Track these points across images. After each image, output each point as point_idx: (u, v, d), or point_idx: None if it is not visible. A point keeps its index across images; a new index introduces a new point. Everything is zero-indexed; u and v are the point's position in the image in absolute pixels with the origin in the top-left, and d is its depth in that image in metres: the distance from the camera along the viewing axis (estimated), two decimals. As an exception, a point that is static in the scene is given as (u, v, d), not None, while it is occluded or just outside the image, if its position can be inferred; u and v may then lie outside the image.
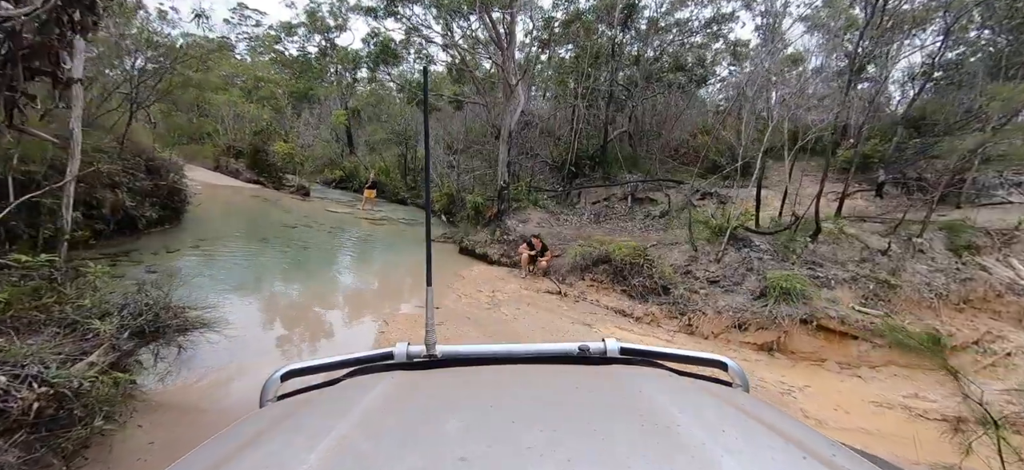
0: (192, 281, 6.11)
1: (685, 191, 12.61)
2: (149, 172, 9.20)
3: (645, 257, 7.83)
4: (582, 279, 8.29)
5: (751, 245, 7.66)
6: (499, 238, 10.56)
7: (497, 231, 10.71)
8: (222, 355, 4.34)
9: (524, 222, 11.10)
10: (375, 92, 29.45)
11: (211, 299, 5.15)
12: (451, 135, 18.43)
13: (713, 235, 8.40)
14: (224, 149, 21.46)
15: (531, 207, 11.85)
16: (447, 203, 16.69)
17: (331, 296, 7.10)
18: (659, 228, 11.54)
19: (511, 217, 11.13)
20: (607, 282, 8.00)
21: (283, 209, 14.60)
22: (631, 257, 7.83)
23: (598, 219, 12.79)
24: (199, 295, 5.06)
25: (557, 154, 15.37)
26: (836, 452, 0.61)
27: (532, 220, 11.31)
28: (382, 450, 0.57)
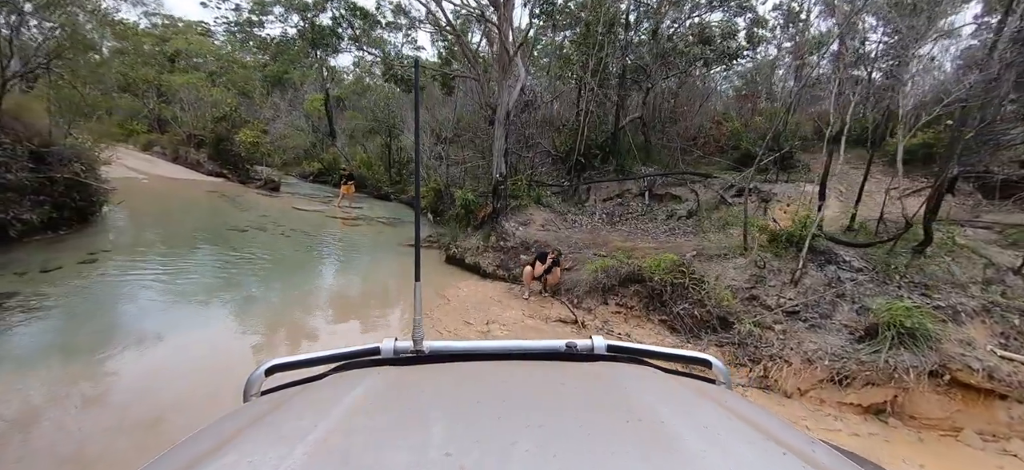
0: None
1: (715, 187, 10.65)
2: (36, 162, 7.02)
3: (690, 275, 5.85)
4: (605, 303, 6.30)
5: (837, 261, 5.71)
6: (494, 244, 8.52)
7: (492, 236, 8.68)
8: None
9: (525, 224, 9.06)
10: (360, 80, 27.18)
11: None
12: (439, 122, 16.30)
13: (774, 244, 6.44)
14: (184, 138, 19.14)
15: (533, 205, 9.83)
16: (434, 199, 14.59)
17: (235, 352, 4.57)
18: (687, 231, 9.57)
19: (509, 218, 9.09)
20: (639, 308, 6.02)
21: (241, 207, 12.44)
22: (671, 275, 5.85)
23: (611, 220, 10.79)
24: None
25: (561, 144, 13.33)
26: (816, 448, 0.63)
27: (535, 221, 9.28)
28: (368, 446, 0.56)
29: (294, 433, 0.60)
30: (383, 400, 0.74)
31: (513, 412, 0.67)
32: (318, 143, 23.22)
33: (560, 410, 0.70)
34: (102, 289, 5.57)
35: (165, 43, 22.94)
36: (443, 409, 0.69)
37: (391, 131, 19.92)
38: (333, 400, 0.73)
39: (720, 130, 13.60)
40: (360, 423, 0.63)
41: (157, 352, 4.33)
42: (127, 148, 20.98)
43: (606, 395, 0.79)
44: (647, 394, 0.76)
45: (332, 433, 0.58)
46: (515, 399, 0.75)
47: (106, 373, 3.93)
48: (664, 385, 0.85)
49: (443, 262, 9.13)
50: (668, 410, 0.68)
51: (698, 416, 0.70)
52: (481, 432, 0.61)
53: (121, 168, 16.16)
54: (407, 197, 17.83)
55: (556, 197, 11.01)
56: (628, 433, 0.61)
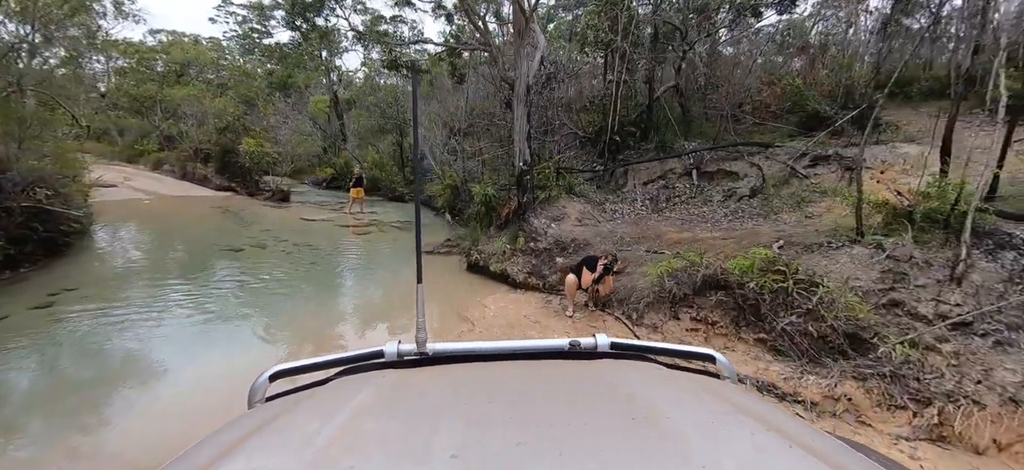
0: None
1: (780, 157, 8.93)
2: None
3: (793, 275, 4.32)
4: (675, 317, 4.83)
5: (1015, 244, 4.06)
6: (524, 247, 7.13)
7: (520, 236, 7.28)
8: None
9: (558, 220, 7.63)
10: (370, 79, 26.11)
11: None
12: (450, 113, 14.96)
13: (898, 224, 4.82)
14: (191, 153, 18.41)
15: (564, 196, 8.38)
16: (451, 198, 13.29)
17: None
18: (754, 213, 7.94)
19: (538, 213, 7.67)
20: (725, 324, 4.52)
21: (244, 222, 11.43)
22: (767, 278, 4.32)
23: (657, 205, 9.23)
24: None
25: (588, 123, 11.77)
26: (822, 441, 0.63)
27: (569, 215, 7.83)
28: (373, 451, 0.56)
29: (299, 438, 0.60)
30: (387, 403, 0.74)
31: (518, 412, 0.66)
32: (329, 147, 22.26)
33: (565, 409, 0.69)
34: (40, 350, 4.46)
35: (166, 55, 22.32)
36: (447, 411, 0.68)
37: (401, 129, 18.72)
38: (337, 404, 0.73)
39: (772, 92, 11.76)
40: (364, 427, 0.63)
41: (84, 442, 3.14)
42: (137, 168, 20.57)
43: (611, 393, 0.78)
44: (652, 391, 0.76)
45: (337, 438, 0.58)
46: (520, 399, 0.74)
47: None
48: (669, 382, 0.84)
49: (465, 271, 7.80)
50: (673, 407, 0.68)
51: (704, 412, 0.70)
52: (486, 433, 0.60)
53: (127, 190, 15.56)
54: (423, 196, 16.63)
55: (589, 184, 9.51)
56: (634, 431, 0.60)
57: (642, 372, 0.87)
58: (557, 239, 7.03)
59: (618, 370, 0.87)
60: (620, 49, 9.12)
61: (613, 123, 9.71)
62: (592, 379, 0.84)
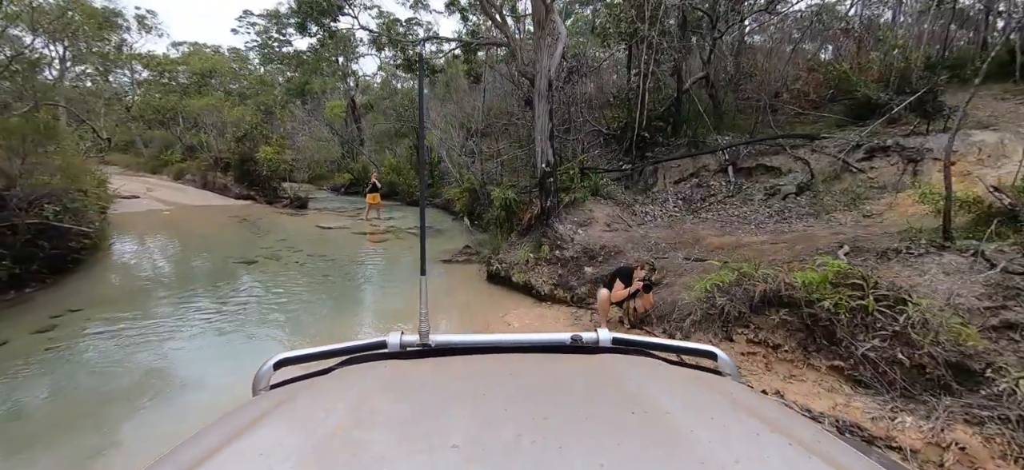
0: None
1: (829, 149, 8.11)
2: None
3: (872, 289, 3.64)
4: (728, 338, 4.19)
5: None
6: (549, 255, 6.57)
7: (544, 243, 6.73)
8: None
9: (584, 225, 7.04)
10: (388, 83, 25.97)
11: None
12: (467, 113, 14.53)
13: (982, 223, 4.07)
14: (211, 163, 18.49)
15: (590, 199, 7.78)
16: (469, 201, 12.83)
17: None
18: (803, 213, 7.19)
19: (563, 218, 7.10)
20: (791, 348, 3.87)
21: (259, 232, 11.21)
22: (842, 294, 3.65)
23: (691, 206, 8.54)
24: None
25: (612, 119, 11.11)
26: (820, 438, 0.63)
27: (597, 220, 7.24)
28: (375, 439, 0.56)
29: (303, 426, 0.61)
30: (390, 393, 0.73)
31: (519, 405, 0.66)
32: (346, 153, 22.15)
33: (566, 402, 0.69)
34: (36, 378, 4.15)
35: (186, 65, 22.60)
36: (449, 402, 0.68)
37: (418, 131, 18.40)
38: (341, 393, 0.74)
39: (812, 79, 10.87)
40: (367, 416, 0.63)
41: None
42: (160, 178, 20.85)
43: (612, 387, 0.77)
44: (653, 386, 0.75)
45: (340, 426, 0.58)
46: (521, 392, 0.74)
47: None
48: (670, 377, 0.84)
49: (485, 281, 7.29)
50: (674, 402, 0.68)
51: (704, 408, 0.70)
52: (487, 425, 0.60)
53: (149, 201, 15.67)
54: (440, 200, 16.23)
55: (616, 185, 8.88)
56: (634, 425, 0.60)
57: (643, 367, 0.87)
58: (585, 246, 6.45)
59: (619, 365, 0.87)
60: (648, 38, 8.45)
61: (641, 118, 9.04)
62: (594, 373, 0.84)
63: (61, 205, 6.66)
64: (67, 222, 6.64)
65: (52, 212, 6.47)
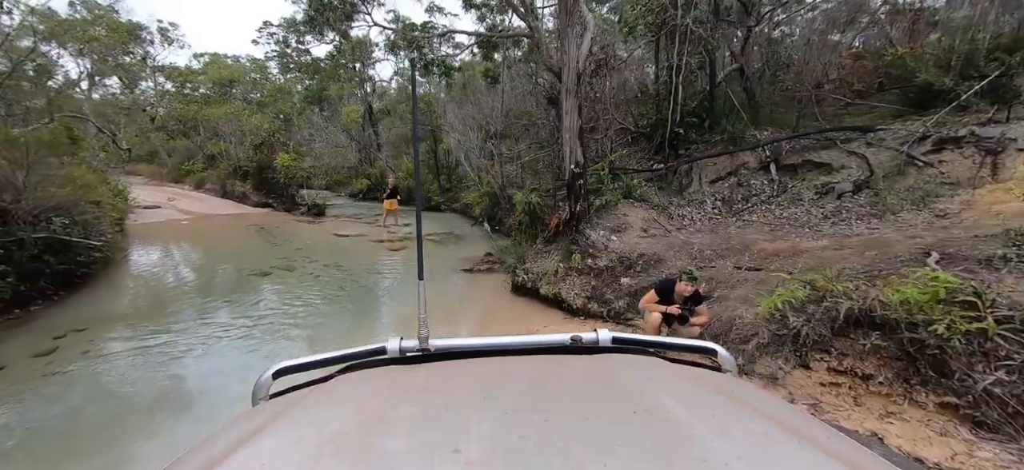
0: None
1: (889, 143, 7.32)
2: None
3: (988, 308, 2.97)
4: (803, 366, 3.55)
5: None
6: (580, 265, 5.99)
7: (574, 251, 6.15)
8: None
9: (619, 231, 6.44)
10: (404, 89, 25.80)
11: None
12: (486, 115, 14.06)
13: None
14: (230, 171, 18.48)
15: (622, 202, 7.17)
16: (489, 205, 12.36)
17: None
18: (864, 213, 6.45)
19: (594, 224, 6.52)
20: (887, 378, 3.21)
21: (276, 241, 10.94)
22: (951, 314, 2.99)
23: (731, 208, 7.86)
24: None
25: (640, 115, 10.48)
26: (827, 435, 0.62)
27: (632, 225, 6.63)
28: (375, 445, 0.56)
29: (303, 435, 0.60)
30: (390, 399, 0.72)
31: (520, 407, 0.66)
32: (364, 158, 21.97)
33: (567, 403, 0.69)
34: (29, 409, 3.79)
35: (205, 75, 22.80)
36: (450, 406, 0.67)
37: (435, 134, 18.02)
38: (341, 400, 0.73)
39: (859, 67, 10.03)
40: (367, 423, 0.62)
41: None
42: (182, 188, 21.01)
43: (613, 387, 0.77)
44: (654, 384, 0.74)
45: (340, 434, 0.58)
46: (522, 394, 0.73)
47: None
48: (671, 375, 0.83)
49: (509, 292, 6.76)
50: (675, 400, 0.67)
51: (706, 405, 0.69)
52: (489, 428, 0.59)
53: (170, 210, 15.67)
54: (459, 205, 15.82)
55: (648, 186, 8.24)
56: (636, 424, 0.60)
57: (644, 366, 0.86)
58: (620, 255, 5.85)
59: (620, 364, 0.87)
60: (681, 27, 7.81)
61: (674, 114, 8.39)
62: (594, 373, 0.83)
63: (69, 218, 6.40)
64: (76, 235, 6.38)
65: (60, 225, 6.21)
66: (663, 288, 4.00)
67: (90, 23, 23.54)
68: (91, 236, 6.78)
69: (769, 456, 0.53)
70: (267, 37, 30.02)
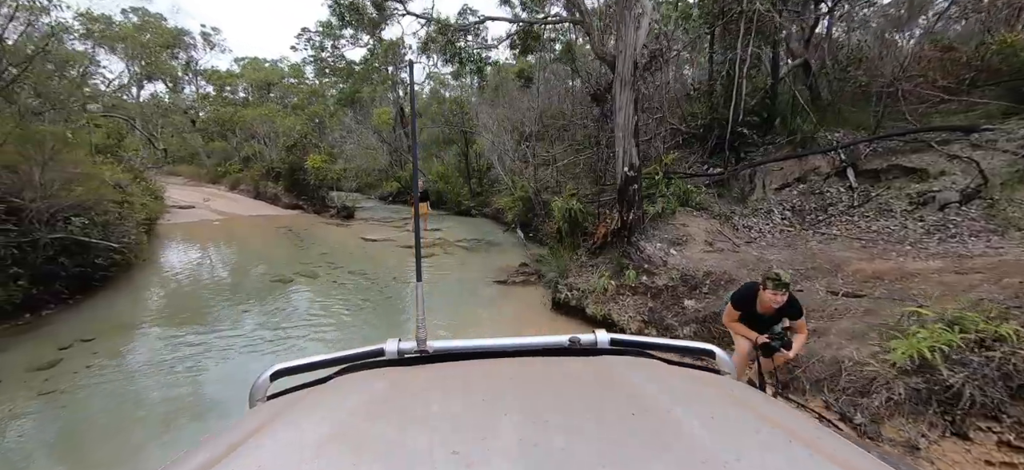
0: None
1: (1006, 144, 6.16)
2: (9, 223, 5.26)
3: None
4: (958, 435, 2.65)
5: None
6: (634, 282, 5.17)
7: (627, 266, 5.34)
8: None
9: (678, 244, 5.59)
10: (436, 92, 25.60)
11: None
12: (520, 116, 13.41)
13: None
14: (263, 172, 18.56)
15: (679, 210, 6.31)
16: (523, 211, 11.67)
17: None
18: (979, 229, 5.35)
19: (650, 235, 5.69)
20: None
21: (303, 244, 10.60)
22: None
23: (803, 219, 6.85)
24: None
25: (691, 115, 9.54)
26: (821, 435, 0.62)
27: (693, 237, 5.77)
28: (374, 447, 0.55)
29: (301, 437, 0.59)
30: (388, 400, 0.72)
31: (518, 408, 0.65)
32: (394, 161, 21.75)
33: (566, 405, 0.68)
34: (13, 441, 3.33)
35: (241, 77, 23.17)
36: (448, 408, 0.67)
37: (466, 137, 17.51)
38: (338, 402, 0.72)
39: (949, 59, 8.77)
40: (366, 424, 0.62)
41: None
42: (218, 188, 21.35)
43: (611, 388, 0.76)
44: (652, 386, 0.74)
45: (338, 435, 0.58)
46: (520, 395, 0.72)
47: None
48: (669, 377, 0.82)
49: (549, 309, 6.02)
50: (674, 401, 0.67)
51: (704, 406, 0.69)
52: (487, 429, 0.59)
53: (204, 210, 15.76)
54: (490, 210, 15.20)
55: (706, 192, 7.33)
56: (634, 425, 0.59)
57: (642, 368, 0.85)
58: (683, 272, 5.01)
59: (618, 366, 0.86)
60: (748, 13, 6.89)
61: (737, 112, 7.45)
62: (592, 375, 0.82)
63: (89, 218, 6.10)
64: (95, 236, 6.07)
65: (79, 226, 5.91)
66: (742, 299, 3.06)
67: (140, 29, 24.49)
68: (112, 237, 6.48)
69: (767, 457, 0.53)
70: (304, 43, 30.66)
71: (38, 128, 6.02)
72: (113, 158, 10.33)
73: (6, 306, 4.97)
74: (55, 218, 5.66)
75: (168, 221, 12.72)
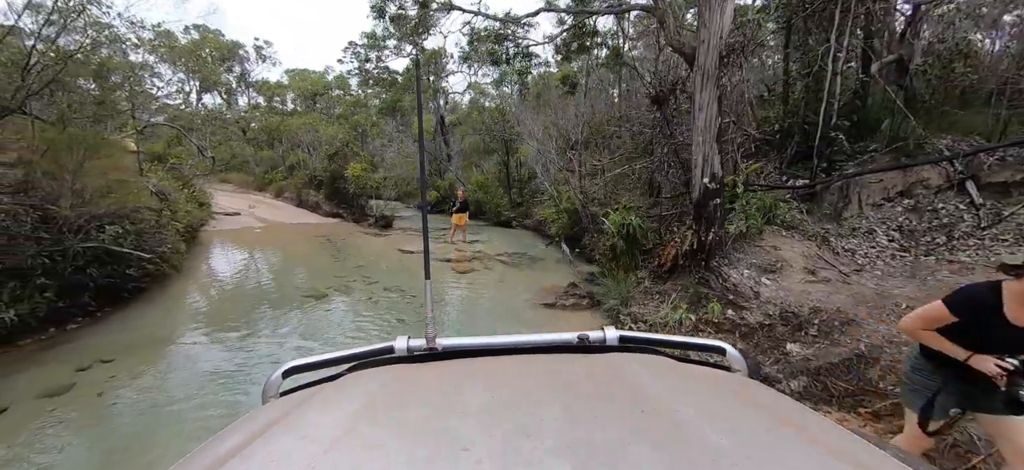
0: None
1: None
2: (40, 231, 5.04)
3: None
4: None
5: None
6: (719, 317, 4.26)
7: (707, 295, 4.44)
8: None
9: (772, 271, 4.62)
10: (476, 101, 25.38)
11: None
12: (570, 122, 12.66)
13: None
14: (306, 181, 18.72)
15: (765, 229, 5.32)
16: (568, 224, 10.87)
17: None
18: None
19: (734, 259, 4.76)
20: None
21: (339, 255, 10.27)
22: None
23: (918, 242, 5.68)
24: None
25: (764, 119, 8.46)
26: (838, 436, 0.60)
27: (788, 262, 4.78)
28: (384, 443, 0.55)
29: (312, 432, 0.59)
30: (398, 398, 0.72)
31: (528, 406, 0.65)
32: (434, 170, 21.51)
33: (575, 402, 0.67)
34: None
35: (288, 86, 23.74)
36: (458, 405, 0.66)
37: (508, 146, 16.92)
38: (349, 399, 0.72)
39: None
40: (376, 421, 0.62)
41: None
42: (264, 196, 21.82)
43: (620, 386, 0.75)
44: (661, 383, 0.73)
45: (349, 431, 0.58)
46: (529, 393, 0.72)
47: None
48: (679, 374, 0.81)
49: (607, 342, 5.19)
50: (684, 399, 0.66)
51: (715, 404, 0.68)
52: (496, 426, 0.58)
53: (248, 217, 15.97)
54: (531, 221, 14.47)
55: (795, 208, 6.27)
56: (644, 423, 0.58)
57: (651, 365, 0.84)
58: (783, 306, 4.05)
59: (627, 363, 0.84)
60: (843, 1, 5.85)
61: (828, 115, 6.37)
62: (601, 372, 0.81)
63: (121, 226, 5.85)
64: (128, 246, 5.81)
65: (111, 235, 5.66)
66: (971, 301, 1.84)
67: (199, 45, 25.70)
68: (146, 247, 6.23)
69: (778, 457, 0.51)
70: (350, 57, 31.40)
71: (75, 131, 5.85)
72: (160, 165, 10.40)
73: (30, 320, 4.69)
74: (87, 226, 5.42)
75: (213, 228, 12.82)
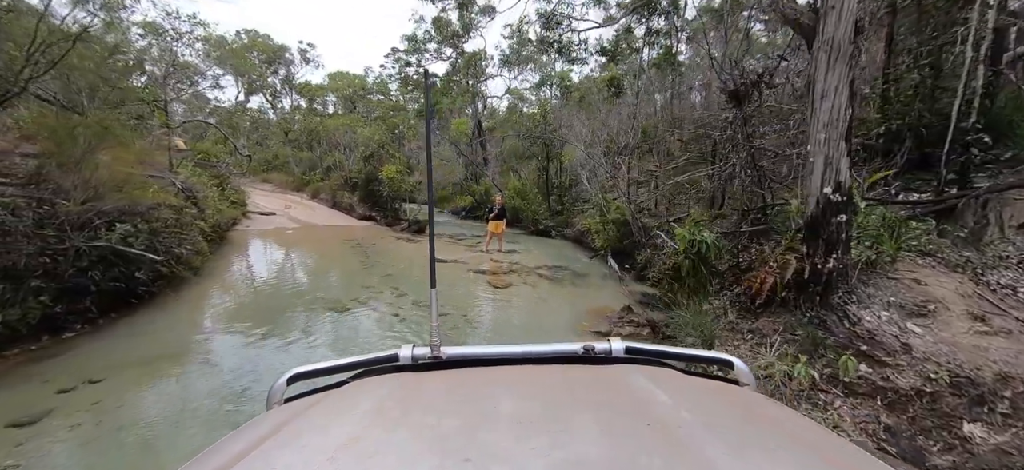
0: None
1: None
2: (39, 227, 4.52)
3: None
4: None
5: None
6: (852, 376, 3.13)
7: (824, 341, 3.33)
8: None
9: (921, 315, 3.44)
10: (514, 107, 24.71)
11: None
12: (616, 126, 11.62)
13: None
14: (341, 182, 18.48)
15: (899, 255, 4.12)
16: (616, 236, 9.80)
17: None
18: None
19: (865, 297, 3.60)
20: None
21: (369, 261, 9.63)
22: None
23: (1105, 277, 4.28)
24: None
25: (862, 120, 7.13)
26: (849, 453, 0.60)
27: (945, 303, 3.57)
28: (387, 452, 0.55)
29: (315, 440, 0.59)
30: (402, 406, 0.72)
31: (532, 416, 0.64)
32: (469, 175, 20.86)
33: (579, 414, 0.67)
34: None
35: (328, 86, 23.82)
36: (462, 414, 0.66)
37: (548, 150, 15.99)
38: (353, 407, 0.72)
39: None
40: (380, 429, 0.62)
41: None
42: (301, 196, 21.86)
43: (625, 398, 0.74)
44: (667, 396, 0.71)
45: (352, 439, 0.58)
46: (534, 403, 0.71)
47: None
48: (685, 387, 0.80)
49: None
50: (692, 414, 0.64)
51: (722, 418, 0.67)
52: (500, 436, 0.58)
53: (283, 218, 15.78)
54: (572, 232, 13.45)
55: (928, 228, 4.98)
56: (648, 436, 0.58)
57: (658, 377, 0.82)
58: (950, 367, 2.90)
59: (633, 375, 0.83)
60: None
61: (962, 114, 5.07)
62: (607, 383, 0.80)
63: (132, 225, 5.33)
64: (138, 246, 5.28)
65: (120, 234, 5.13)
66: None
67: (247, 48, 26.33)
68: (160, 247, 5.70)
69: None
70: (392, 62, 31.54)
71: (80, 119, 5.39)
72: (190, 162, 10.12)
73: (19, 327, 4.16)
74: (92, 223, 4.90)
75: (246, 227, 12.58)
